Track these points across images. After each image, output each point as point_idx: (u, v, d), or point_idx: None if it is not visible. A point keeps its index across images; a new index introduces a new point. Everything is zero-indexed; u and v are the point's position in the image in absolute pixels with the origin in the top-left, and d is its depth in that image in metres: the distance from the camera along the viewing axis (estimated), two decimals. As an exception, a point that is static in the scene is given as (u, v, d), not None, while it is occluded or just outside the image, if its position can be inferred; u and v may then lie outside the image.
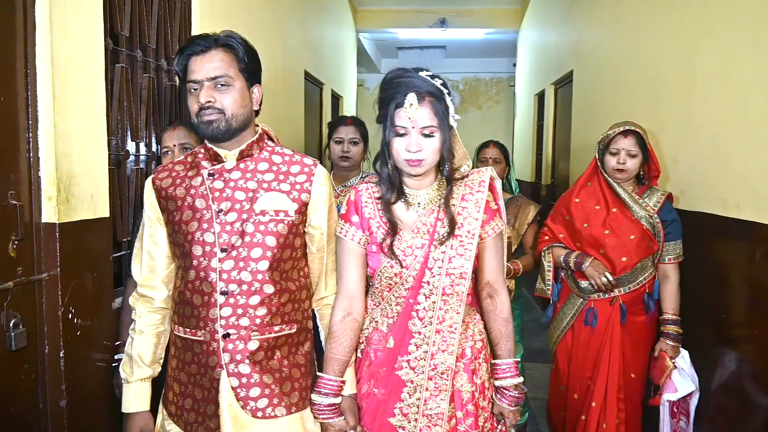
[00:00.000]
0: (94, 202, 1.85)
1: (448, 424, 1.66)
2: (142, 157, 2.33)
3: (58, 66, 1.70)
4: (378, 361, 1.69)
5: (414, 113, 1.56)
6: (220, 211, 1.56)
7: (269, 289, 1.57)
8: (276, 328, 1.59)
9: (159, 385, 1.69)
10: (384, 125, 1.62)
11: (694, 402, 2.44)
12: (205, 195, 1.58)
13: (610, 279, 2.41)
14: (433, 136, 1.58)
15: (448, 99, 1.63)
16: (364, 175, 2.79)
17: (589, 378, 2.53)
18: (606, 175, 2.53)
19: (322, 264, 1.71)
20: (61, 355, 1.72)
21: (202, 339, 1.56)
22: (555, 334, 2.68)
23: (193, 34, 2.68)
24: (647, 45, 3.23)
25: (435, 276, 1.64)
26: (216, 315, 1.54)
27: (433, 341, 1.64)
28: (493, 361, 1.75)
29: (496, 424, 1.76)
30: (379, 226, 1.67)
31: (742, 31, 2.29)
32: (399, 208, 1.69)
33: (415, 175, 1.65)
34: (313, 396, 1.63)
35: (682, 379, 2.41)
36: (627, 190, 2.50)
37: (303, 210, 1.62)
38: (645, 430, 2.63)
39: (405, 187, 1.69)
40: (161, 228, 1.64)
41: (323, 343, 1.71)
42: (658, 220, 2.44)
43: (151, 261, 1.65)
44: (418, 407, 1.65)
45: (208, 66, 1.53)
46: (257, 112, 1.65)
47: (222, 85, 1.54)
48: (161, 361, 1.67)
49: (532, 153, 7.15)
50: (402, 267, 1.64)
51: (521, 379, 1.73)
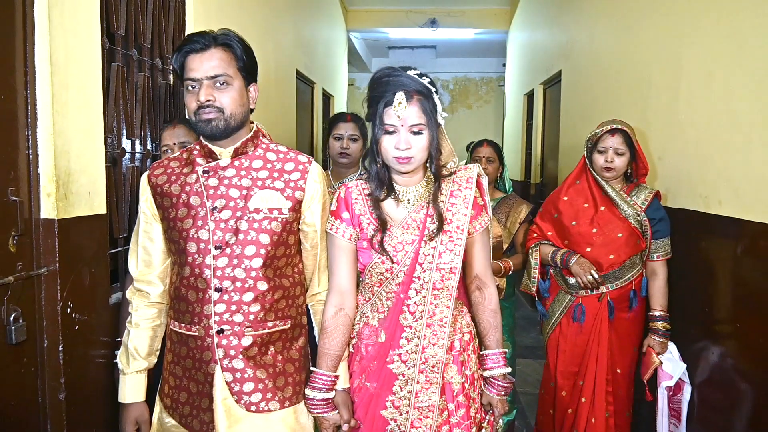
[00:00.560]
0: (91, 199, 1.86)
1: (440, 417, 1.68)
2: (138, 155, 2.34)
3: (57, 65, 1.70)
4: (369, 356, 1.70)
5: (403, 111, 1.57)
6: (215, 208, 1.56)
7: (263, 285, 1.57)
8: (270, 324, 1.59)
9: (157, 377, 1.70)
10: (373, 123, 1.62)
11: (686, 398, 2.45)
12: (199, 192, 1.58)
13: (596, 276, 2.42)
14: (421, 134, 1.60)
15: (436, 97, 1.64)
16: (363, 173, 2.74)
17: (576, 373, 2.55)
18: (594, 174, 2.52)
19: (315, 260, 1.71)
20: (60, 348, 1.72)
21: (197, 334, 1.57)
22: (545, 330, 2.70)
23: (187, 33, 2.68)
24: (634, 46, 3.25)
25: (425, 271, 1.65)
26: (210, 311, 1.55)
27: (424, 335, 1.66)
28: (481, 352, 1.77)
29: (484, 415, 1.78)
30: (370, 222, 1.68)
31: (725, 34, 2.32)
32: (388, 204, 1.70)
33: (404, 173, 1.66)
34: (307, 391, 1.64)
35: (671, 364, 2.43)
36: (615, 189, 2.50)
37: (297, 208, 1.61)
38: (638, 424, 2.67)
39: (394, 184, 1.70)
40: (156, 224, 1.64)
41: (317, 339, 1.71)
42: (646, 218, 2.45)
43: (147, 256, 1.65)
44: (409, 400, 1.66)
45: (207, 64, 1.52)
46: (252, 110, 1.65)
47: (221, 83, 1.53)
48: (157, 353, 1.68)
49: (521, 152, 7.17)
50: (393, 263, 1.65)
51: (509, 369, 1.75)
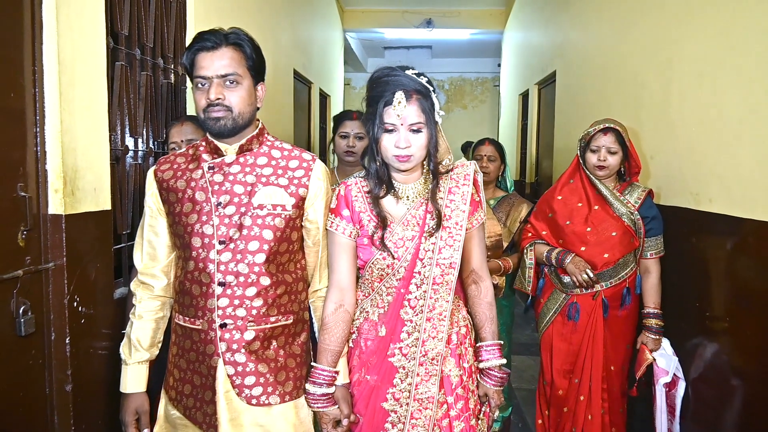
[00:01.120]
0: (97, 195, 1.88)
1: (440, 410, 1.71)
2: (140, 153, 2.36)
3: (65, 63, 1.72)
4: (369, 350, 1.73)
5: (402, 110, 1.59)
6: (219, 204, 1.58)
7: (266, 281, 1.59)
8: (272, 319, 1.61)
9: (162, 369, 1.73)
10: (372, 122, 1.64)
11: (680, 393, 2.47)
12: (204, 188, 1.60)
13: (591, 276, 2.43)
14: (420, 132, 1.61)
15: (434, 96, 1.66)
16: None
17: (571, 372, 2.56)
18: (588, 173, 2.54)
19: (317, 257, 1.72)
20: (67, 341, 1.74)
21: (200, 328, 1.59)
22: (539, 328, 2.71)
23: (188, 33, 2.71)
24: (627, 47, 3.28)
25: (426, 266, 1.68)
26: (213, 305, 1.57)
27: (424, 328, 1.69)
28: (478, 344, 1.80)
29: (481, 407, 1.81)
30: (370, 219, 1.70)
31: (716, 35, 2.35)
32: (388, 201, 1.72)
33: (403, 170, 1.68)
34: (307, 386, 1.66)
35: (664, 359, 2.46)
36: (608, 187, 2.52)
37: (300, 204, 1.63)
38: (633, 421, 2.70)
39: (393, 182, 1.72)
40: (162, 218, 1.66)
41: (317, 335, 1.73)
42: (639, 217, 2.46)
43: (152, 250, 1.67)
44: (409, 392, 1.69)
45: (218, 63, 1.54)
46: (258, 109, 1.67)
47: (231, 82, 1.55)
48: (159, 344, 1.70)
49: (516, 151, 7.21)
50: (394, 258, 1.68)
51: (504, 360, 1.78)
